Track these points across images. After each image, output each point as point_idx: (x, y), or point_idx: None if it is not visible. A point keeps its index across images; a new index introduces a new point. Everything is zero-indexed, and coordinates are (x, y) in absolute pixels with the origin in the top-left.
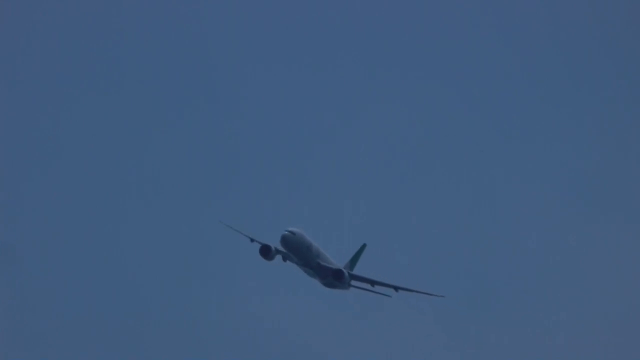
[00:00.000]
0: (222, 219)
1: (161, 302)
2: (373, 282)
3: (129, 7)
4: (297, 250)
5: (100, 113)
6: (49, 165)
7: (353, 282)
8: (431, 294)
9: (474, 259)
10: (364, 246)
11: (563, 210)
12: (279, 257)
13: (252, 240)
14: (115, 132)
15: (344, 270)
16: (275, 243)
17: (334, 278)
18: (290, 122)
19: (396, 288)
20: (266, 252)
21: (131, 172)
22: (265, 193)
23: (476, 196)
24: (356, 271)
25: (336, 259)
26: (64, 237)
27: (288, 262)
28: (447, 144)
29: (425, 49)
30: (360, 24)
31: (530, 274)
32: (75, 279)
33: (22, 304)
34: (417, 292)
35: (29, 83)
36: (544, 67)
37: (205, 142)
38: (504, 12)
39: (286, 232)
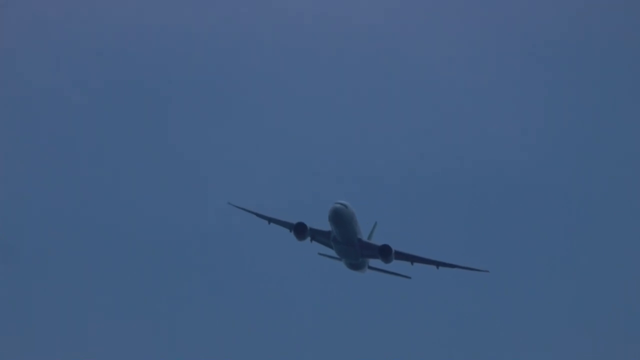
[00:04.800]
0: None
1: (164, 297)
2: (414, 259)
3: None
4: (345, 225)
5: (103, 112)
6: (50, 165)
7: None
8: (475, 269)
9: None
10: (375, 224)
11: None
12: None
13: (270, 221)
14: (116, 131)
15: (390, 246)
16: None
17: (381, 254)
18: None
19: (438, 264)
20: (301, 230)
21: (132, 170)
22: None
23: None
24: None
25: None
26: (65, 237)
27: (314, 242)
28: None
29: None
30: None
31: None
32: (76, 279)
33: (22, 303)
34: (460, 267)
35: (29, 83)
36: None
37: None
38: None
39: (339, 205)
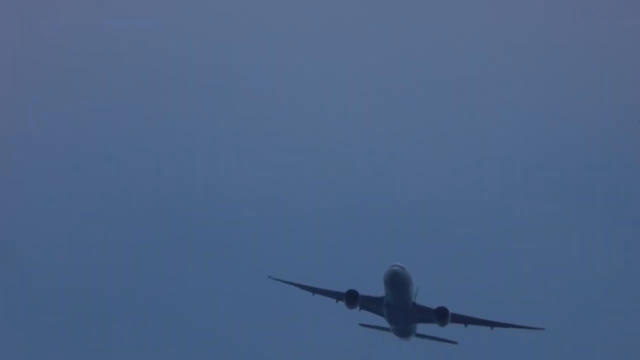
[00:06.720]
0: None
1: (162, 301)
2: (469, 321)
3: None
4: (402, 288)
5: (104, 112)
6: (49, 165)
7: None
8: (531, 328)
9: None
10: (417, 289)
11: None
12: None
13: (314, 292)
14: (116, 131)
15: (447, 308)
16: None
17: (437, 317)
18: None
19: (492, 325)
20: (354, 298)
21: (130, 170)
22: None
23: None
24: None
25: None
26: (65, 237)
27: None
28: None
29: None
30: None
31: None
32: (75, 279)
33: (22, 303)
34: (514, 327)
35: (29, 83)
36: None
37: None
38: None
39: (397, 268)
